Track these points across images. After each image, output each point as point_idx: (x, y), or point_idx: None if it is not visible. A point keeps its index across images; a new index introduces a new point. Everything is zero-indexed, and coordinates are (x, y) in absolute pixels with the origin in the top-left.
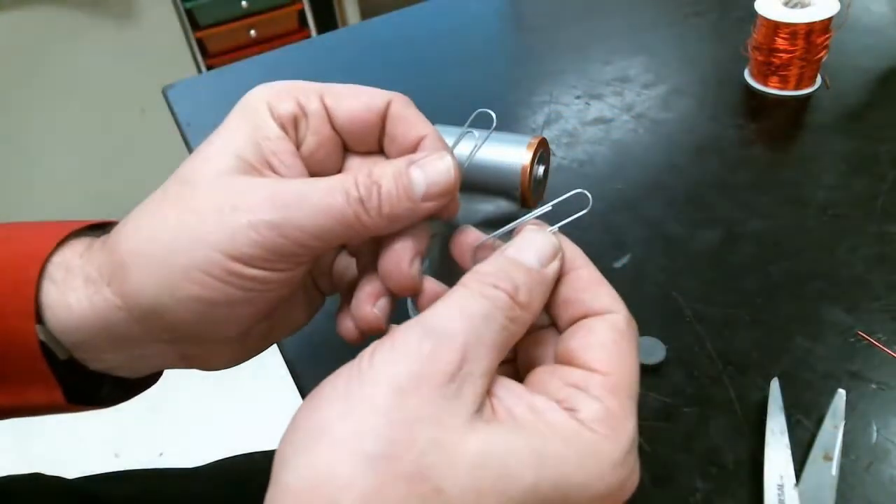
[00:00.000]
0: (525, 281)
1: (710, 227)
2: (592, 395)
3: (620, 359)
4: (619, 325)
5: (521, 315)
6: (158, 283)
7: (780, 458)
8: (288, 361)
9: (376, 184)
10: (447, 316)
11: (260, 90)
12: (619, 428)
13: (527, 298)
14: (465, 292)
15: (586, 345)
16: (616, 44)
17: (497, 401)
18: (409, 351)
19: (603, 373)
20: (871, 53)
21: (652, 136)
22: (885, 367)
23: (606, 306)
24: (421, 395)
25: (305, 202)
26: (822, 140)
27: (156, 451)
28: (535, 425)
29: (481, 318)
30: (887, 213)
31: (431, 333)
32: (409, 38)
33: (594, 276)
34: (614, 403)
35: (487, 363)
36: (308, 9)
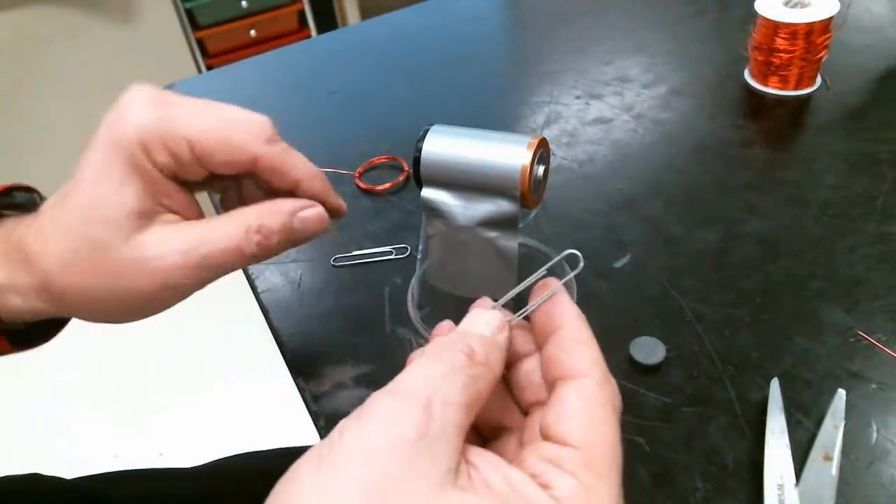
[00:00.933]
0: (479, 343)
1: (710, 227)
2: (567, 470)
3: (594, 429)
4: (590, 391)
5: (482, 372)
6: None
7: (780, 458)
8: (288, 362)
9: (268, 238)
10: (410, 379)
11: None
12: (595, 502)
13: (483, 357)
14: (426, 359)
15: (558, 416)
16: (616, 44)
17: (474, 470)
18: (375, 416)
19: (576, 446)
20: (871, 53)
21: (652, 136)
22: (885, 367)
23: (580, 368)
24: (392, 457)
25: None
26: (822, 140)
27: (156, 451)
28: (509, 497)
29: (442, 378)
30: (887, 213)
31: (396, 396)
32: (409, 38)
33: (578, 335)
34: (589, 479)
35: (456, 421)
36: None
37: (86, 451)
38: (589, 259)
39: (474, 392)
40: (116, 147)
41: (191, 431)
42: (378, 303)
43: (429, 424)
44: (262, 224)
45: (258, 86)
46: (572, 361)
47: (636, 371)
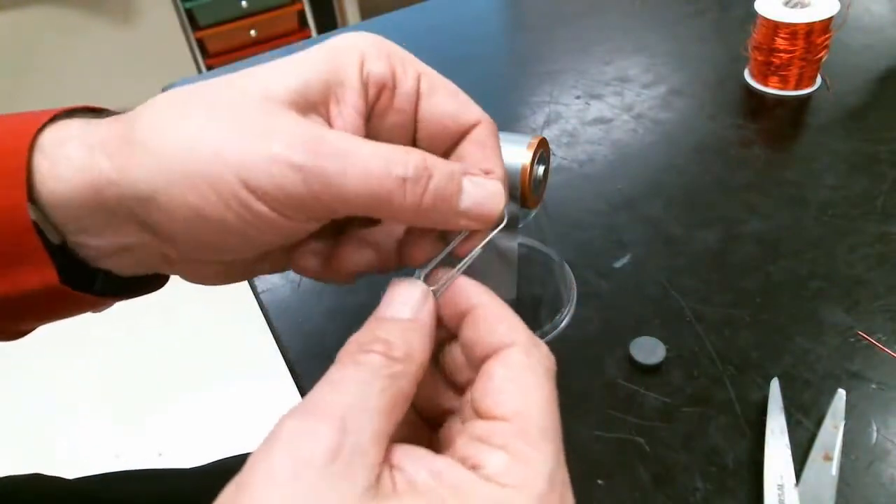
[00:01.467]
0: (398, 334)
1: (710, 227)
2: (497, 444)
3: (522, 396)
4: (515, 359)
5: (402, 370)
6: (161, 177)
7: (780, 458)
8: (288, 361)
9: (428, 172)
10: (319, 393)
11: (359, 39)
12: (529, 473)
13: (404, 352)
14: (335, 367)
15: (485, 392)
16: (616, 44)
17: (398, 472)
18: (281, 439)
19: (505, 418)
20: (871, 53)
21: (652, 136)
22: (885, 367)
23: (502, 340)
24: (302, 482)
25: (344, 158)
26: (822, 140)
27: (156, 451)
28: (435, 491)
29: (355, 386)
30: (887, 213)
31: (305, 413)
32: (409, 38)
33: (491, 311)
34: (521, 448)
35: (374, 430)
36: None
37: (86, 451)
38: (589, 259)
39: (395, 393)
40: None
41: (191, 431)
42: (378, 303)
43: (341, 443)
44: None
45: None
46: (493, 336)
47: (636, 371)
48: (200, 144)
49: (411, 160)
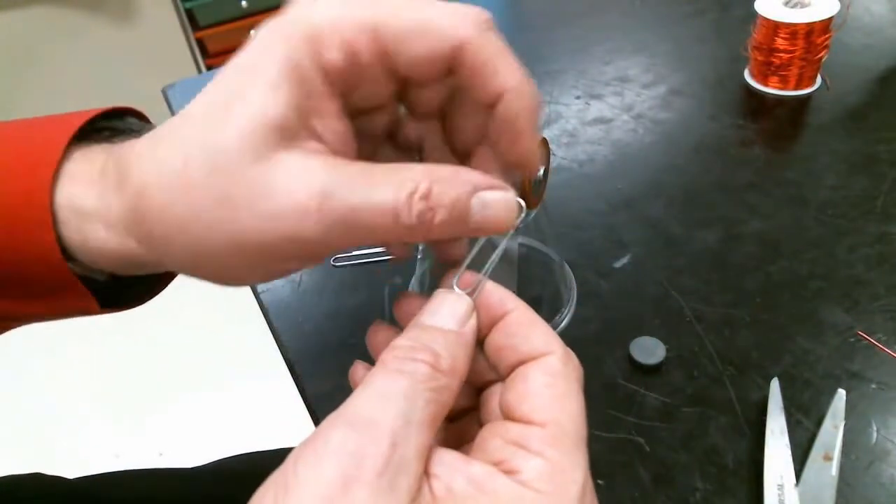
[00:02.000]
0: (444, 345)
1: (710, 227)
2: (533, 451)
3: (559, 404)
4: (554, 367)
5: (446, 383)
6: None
7: (780, 458)
8: (288, 361)
9: (432, 211)
10: (368, 405)
11: (300, 25)
12: (565, 481)
13: (450, 364)
14: (381, 374)
15: (521, 396)
16: (616, 43)
17: (435, 480)
18: (332, 451)
19: (541, 424)
20: (871, 53)
21: (652, 136)
22: (885, 367)
23: (539, 348)
24: (352, 497)
25: (352, 221)
26: (822, 140)
27: (156, 451)
28: (475, 498)
29: (404, 399)
30: (887, 213)
31: (354, 427)
32: None
33: (525, 318)
34: (556, 456)
35: (418, 444)
36: None
37: (86, 451)
38: (589, 259)
39: (439, 408)
40: (279, 39)
41: (191, 431)
42: (378, 303)
43: (389, 458)
44: (432, 189)
45: None
46: (531, 343)
47: (636, 371)
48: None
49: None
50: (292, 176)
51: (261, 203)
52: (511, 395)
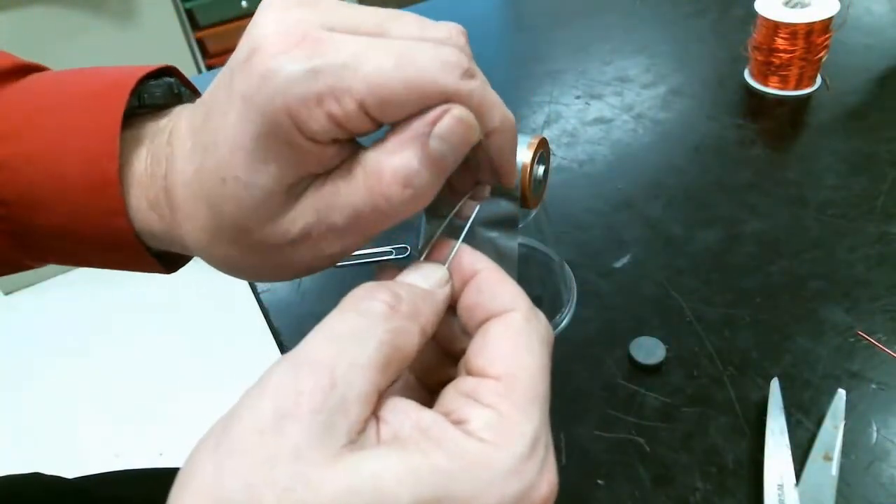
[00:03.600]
0: (408, 292)
1: (710, 227)
2: (484, 402)
3: (515, 359)
4: (516, 323)
5: (403, 326)
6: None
7: (780, 458)
8: None
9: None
10: (313, 343)
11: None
12: (513, 433)
13: (410, 310)
14: (335, 314)
15: (479, 349)
16: (616, 44)
17: (383, 424)
18: (272, 387)
19: (496, 377)
20: (871, 53)
21: (652, 136)
22: (885, 367)
23: (505, 305)
24: (284, 432)
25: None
26: (822, 140)
27: (156, 451)
28: (417, 443)
29: (351, 338)
30: (887, 213)
31: (296, 365)
32: None
33: (494, 276)
34: (506, 408)
35: (363, 386)
36: None
37: (86, 451)
38: (589, 259)
39: (392, 350)
40: (255, 112)
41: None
42: None
43: (326, 397)
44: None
45: None
46: (495, 301)
47: (636, 371)
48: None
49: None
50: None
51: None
52: (472, 349)
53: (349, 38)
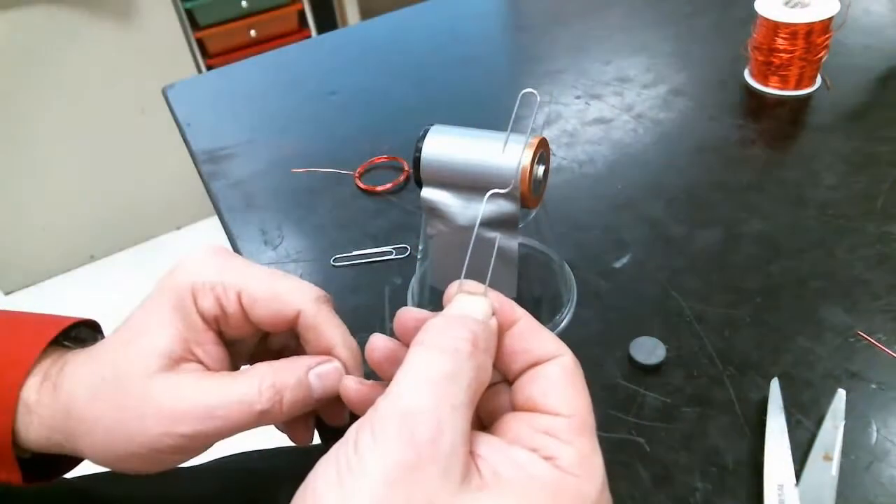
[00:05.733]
0: (480, 329)
1: (710, 227)
2: (564, 440)
3: (577, 399)
4: (569, 367)
5: (484, 361)
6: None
7: (780, 458)
8: None
9: (279, 394)
10: (415, 390)
11: (187, 275)
12: (593, 466)
13: (485, 344)
14: (426, 354)
15: (545, 390)
16: (616, 44)
17: (481, 461)
18: (389, 438)
19: (567, 416)
20: (871, 53)
21: (652, 136)
22: (885, 367)
23: (552, 351)
24: (411, 482)
25: (214, 416)
26: (822, 140)
27: None
28: (521, 482)
29: (448, 380)
30: (887, 213)
31: (407, 417)
32: (408, 38)
33: (534, 325)
34: (584, 444)
35: (464, 427)
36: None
37: None
38: (589, 259)
39: (478, 386)
40: (169, 291)
41: None
42: (378, 303)
43: (441, 444)
44: (276, 381)
45: (258, 86)
46: (542, 347)
47: (636, 371)
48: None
49: (263, 391)
50: (169, 389)
51: (145, 409)
52: (533, 389)
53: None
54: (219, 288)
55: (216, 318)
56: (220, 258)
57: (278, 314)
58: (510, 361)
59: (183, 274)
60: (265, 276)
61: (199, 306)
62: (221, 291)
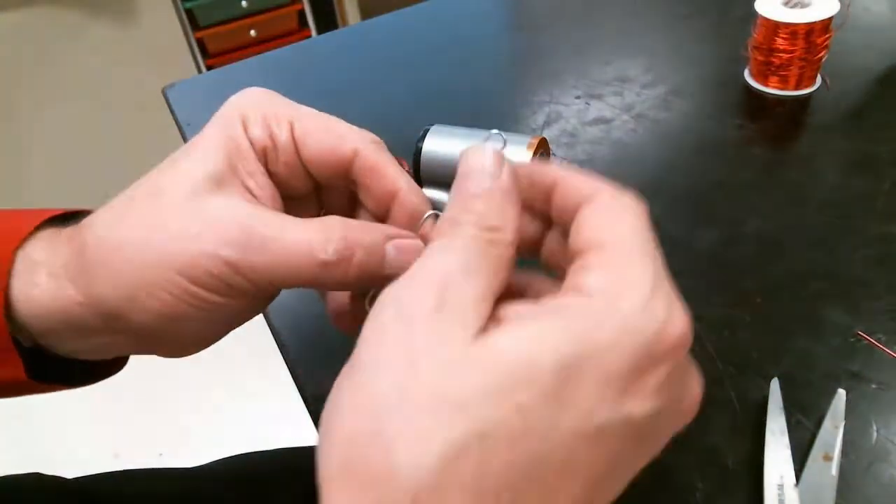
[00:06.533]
0: (486, 206)
1: (710, 227)
2: (592, 268)
3: (613, 225)
4: (602, 199)
5: (500, 237)
6: (121, 293)
7: (780, 458)
8: (288, 362)
9: (350, 250)
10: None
11: (236, 103)
12: (630, 278)
13: (496, 220)
14: (431, 245)
15: (575, 235)
16: (616, 44)
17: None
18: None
19: (597, 247)
20: (871, 53)
21: (652, 136)
22: (885, 367)
23: (588, 191)
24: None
25: (269, 249)
26: (822, 140)
27: (156, 451)
28: (542, 313)
29: (455, 252)
30: (887, 213)
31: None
32: (409, 38)
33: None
34: (618, 262)
35: (476, 290)
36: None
37: (86, 451)
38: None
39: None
40: (217, 120)
41: (191, 431)
42: None
43: (444, 298)
44: (350, 235)
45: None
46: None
47: None
48: (144, 257)
49: (332, 243)
50: (219, 208)
51: (188, 226)
52: (571, 238)
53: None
54: (270, 116)
55: (265, 150)
56: (271, 93)
57: (333, 151)
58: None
59: (231, 105)
60: (319, 113)
61: (250, 133)
62: (273, 119)
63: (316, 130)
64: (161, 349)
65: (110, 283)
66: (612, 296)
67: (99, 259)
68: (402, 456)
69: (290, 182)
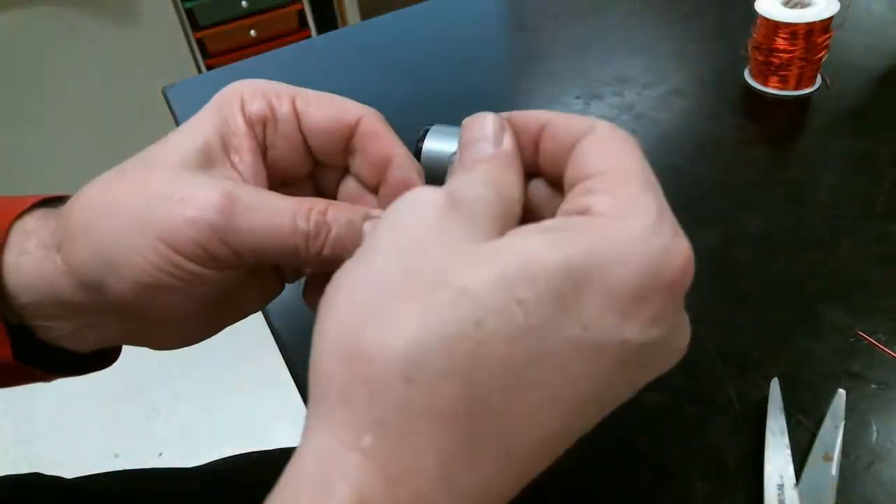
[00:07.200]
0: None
1: (710, 227)
2: (597, 191)
3: (615, 154)
4: (600, 131)
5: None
6: (101, 260)
7: (780, 458)
8: (288, 362)
9: (327, 225)
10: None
11: (235, 86)
12: (638, 202)
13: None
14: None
15: (574, 165)
16: (616, 44)
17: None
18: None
19: (602, 172)
20: (871, 53)
21: (652, 136)
22: (885, 367)
23: (583, 128)
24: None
25: (252, 216)
26: (822, 140)
27: (155, 451)
28: (551, 227)
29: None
30: (887, 213)
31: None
32: (409, 39)
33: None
34: (624, 187)
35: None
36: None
37: (86, 451)
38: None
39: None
40: (215, 100)
41: (191, 431)
42: None
43: (454, 200)
44: (330, 211)
45: None
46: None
47: None
48: (125, 223)
49: (312, 212)
50: (205, 180)
51: (173, 192)
52: (569, 171)
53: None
54: (270, 92)
55: (264, 122)
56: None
57: (337, 119)
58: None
59: (230, 87)
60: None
61: (246, 109)
62: (273, 95)
63: (320, 100)
64: (147, 337)
65: (89, 248)
66: (620, 215)
67: (81, 223)
68: (399, 331)
69: (288, 160)
